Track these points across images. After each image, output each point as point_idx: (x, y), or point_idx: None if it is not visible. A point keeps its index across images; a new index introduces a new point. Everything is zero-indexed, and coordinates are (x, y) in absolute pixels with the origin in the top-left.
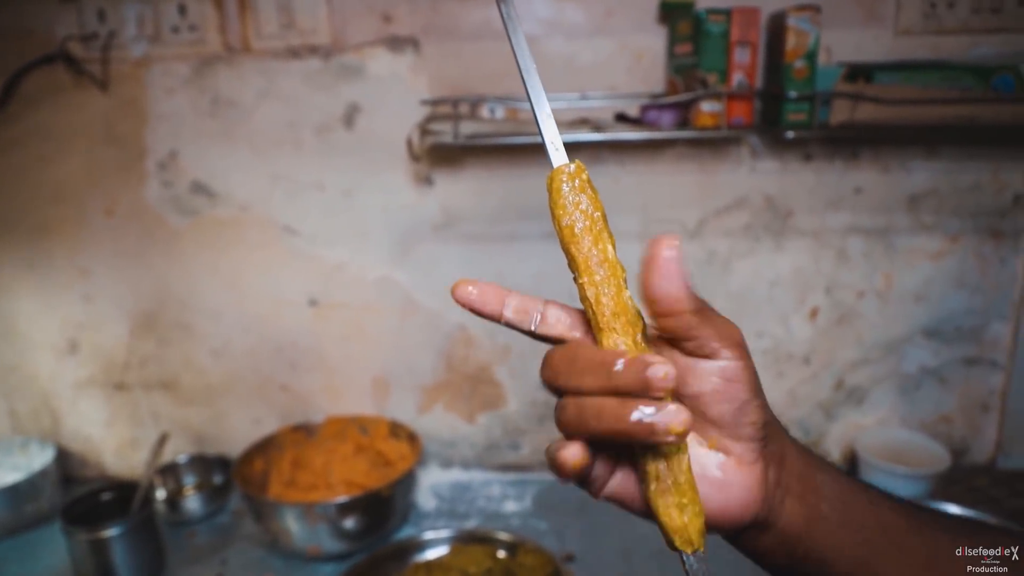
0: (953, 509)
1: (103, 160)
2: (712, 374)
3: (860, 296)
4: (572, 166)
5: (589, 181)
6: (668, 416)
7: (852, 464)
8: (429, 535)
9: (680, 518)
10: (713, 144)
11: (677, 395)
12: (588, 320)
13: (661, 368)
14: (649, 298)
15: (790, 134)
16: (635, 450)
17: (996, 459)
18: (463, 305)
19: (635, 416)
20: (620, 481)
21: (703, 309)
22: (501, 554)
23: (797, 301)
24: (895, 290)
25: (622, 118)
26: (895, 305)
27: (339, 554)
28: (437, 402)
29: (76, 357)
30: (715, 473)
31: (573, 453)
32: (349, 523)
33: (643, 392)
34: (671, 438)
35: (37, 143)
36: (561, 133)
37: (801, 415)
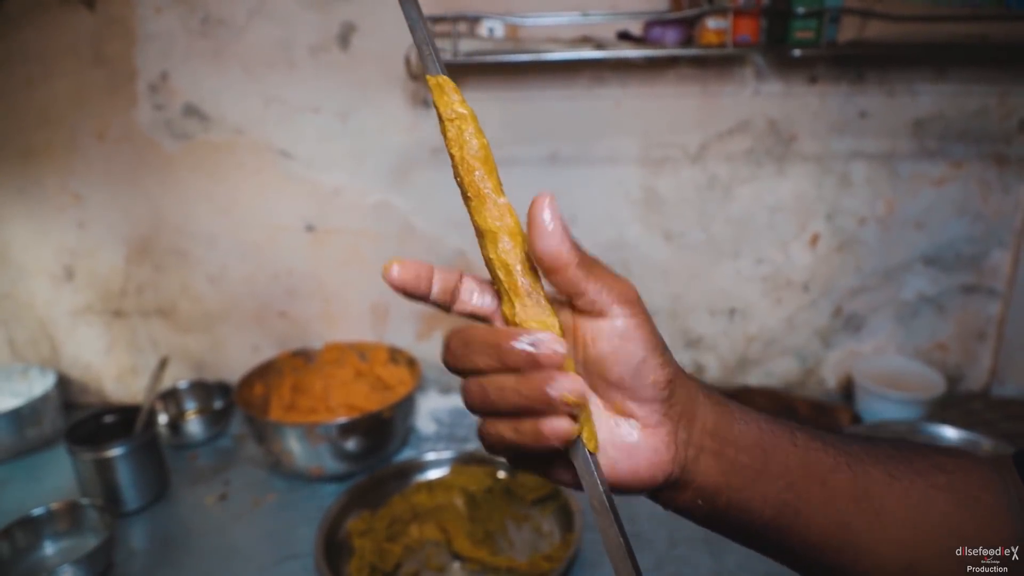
0: (948, 432)
1: (92, 82)
2: (608, 334)
3: (861, 223)
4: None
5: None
6: (562, 385)
7: (848, 390)
8: (430, 456)
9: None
10: (717, 64)
11: (582, 360)
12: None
13: (546, 344)
14: (535, 257)
15: (797, 52)
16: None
17: (991, 386)
18: (396, 289)
19: (532, 391)
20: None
21: (590, 264)
22: (501, 474)
23: (798, 227)
24: (896, 217)
25: (625, 36)
26: (896, 232)
27: (341, 474)
28: (436, 329)
29: (72, 284)
30: (621, 439)
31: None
32: (350, 444)
33: (532, 368)
34: (568, 408)
35: (23, 64)
36: (562, 51)
37: (798, 342)
